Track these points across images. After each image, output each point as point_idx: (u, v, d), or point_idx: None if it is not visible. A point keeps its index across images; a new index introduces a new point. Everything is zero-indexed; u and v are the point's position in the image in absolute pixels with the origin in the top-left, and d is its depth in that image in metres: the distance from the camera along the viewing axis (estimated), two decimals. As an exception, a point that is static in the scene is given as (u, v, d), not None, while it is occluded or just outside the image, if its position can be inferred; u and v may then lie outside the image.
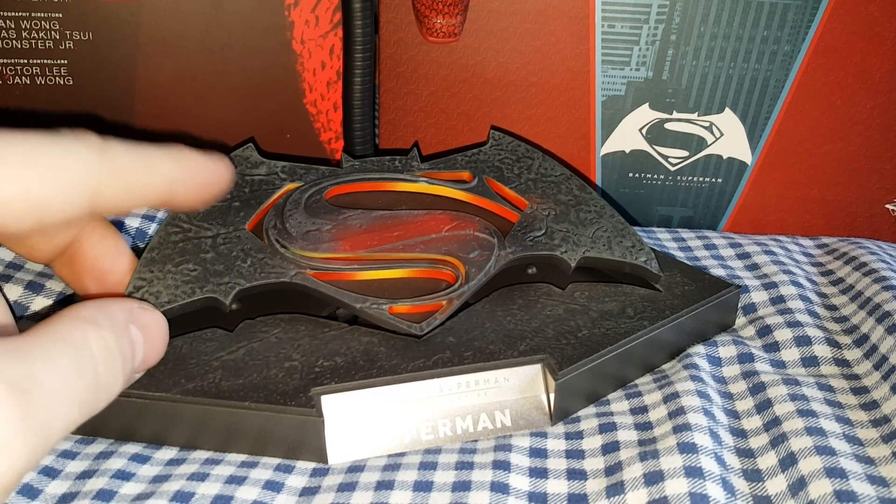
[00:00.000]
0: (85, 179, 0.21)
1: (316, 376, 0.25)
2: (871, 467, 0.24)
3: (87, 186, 0.21)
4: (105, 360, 0.20)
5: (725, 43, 0.36)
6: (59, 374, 0.19)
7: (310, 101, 0.38)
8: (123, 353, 0.21)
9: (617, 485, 0.24)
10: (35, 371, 0.18)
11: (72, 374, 0.19)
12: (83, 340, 0.20)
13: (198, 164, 0.25)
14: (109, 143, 0.22)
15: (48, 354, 0.19)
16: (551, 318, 0.29)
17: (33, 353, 0.18)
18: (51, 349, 0.19)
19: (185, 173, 0.24)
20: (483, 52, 0.37)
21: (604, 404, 0.28)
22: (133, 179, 0.23)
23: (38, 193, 0.20)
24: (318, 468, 0.25)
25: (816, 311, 0.32)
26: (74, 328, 0.20)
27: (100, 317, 0.21)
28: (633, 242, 0.31)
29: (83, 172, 0.21)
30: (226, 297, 0.27)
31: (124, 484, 0.24)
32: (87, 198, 0.21)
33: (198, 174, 0.25)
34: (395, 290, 0.28)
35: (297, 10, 0.36)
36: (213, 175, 0.25)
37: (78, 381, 0.19)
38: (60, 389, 0.19)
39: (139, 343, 0.23)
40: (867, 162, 0.38)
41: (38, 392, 0.18)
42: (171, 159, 0.24)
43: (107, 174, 0.22)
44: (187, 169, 0.24)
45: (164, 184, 0.24)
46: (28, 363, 0.18)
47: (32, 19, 0.35)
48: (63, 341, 0.19)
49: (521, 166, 0.34)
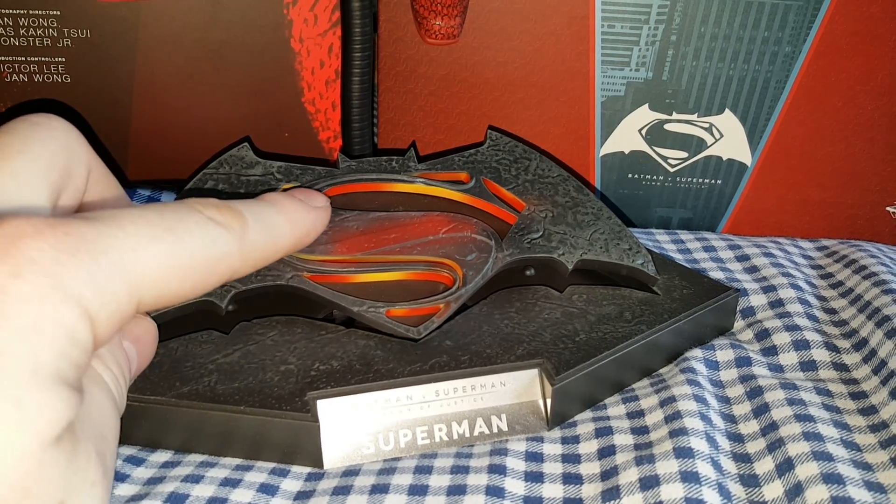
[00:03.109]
0: (225, 273, 0.22)
1: (312, 380, 0.25)
2: (869, 473, 0.24)
3: (226, 277, 0.22)
4: (117, 389, 0.21)
5: (726, 44, 0.36)
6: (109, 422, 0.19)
7: (308, 99, 0.38)
8: (124, 374, 0.22)
9: (613, 489, 0.23)
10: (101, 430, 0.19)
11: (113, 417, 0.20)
12: (100, 379, 0.20)
13: (309, 226, 0.26)
14: (248, 227, 0.22)
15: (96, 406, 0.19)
16: (549, 321, 0.28)
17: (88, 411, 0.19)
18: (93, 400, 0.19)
19: (298, 241, 0.25)
20: (483, 52, 0.37)
21: (600, 408, 0.28)
22: (261, 259, 0.23)
23: (186, 289, 0.20)
24: (314, 472, 0.25)
25: (815, 314, 0.32)
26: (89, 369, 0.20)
27: None
28: (631, 245, 0.31)
29: (224, 266, 0.22)
30: (221, 300, 0.27)
31: (118, 485, 0.24)
32: (220, 283, 0.22)
33: (306, 237, 0.26)
34: (392, 293, 0.28)
35: (296, 9, 0.36)
36: (317, 230, 0.27)
37: (115, 422, 0.20)
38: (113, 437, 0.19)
39: (133, 356, 0.23)
40: (868, 164, 0.38)
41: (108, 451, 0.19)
42: (290, 227, 0.25)
43: (241, 262, 0.22)
44: (300, 237, 0.25)
45: (281, 254, 0.25)
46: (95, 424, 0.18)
47: (30, 17, 0.35)
48: (93, 386, 0.20)
49: (518, 167, 0.34)
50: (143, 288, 0.19)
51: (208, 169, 0.31)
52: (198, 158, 0.37)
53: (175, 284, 0.20)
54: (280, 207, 0.25)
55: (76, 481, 0.17)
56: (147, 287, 0.19)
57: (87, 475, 0.17)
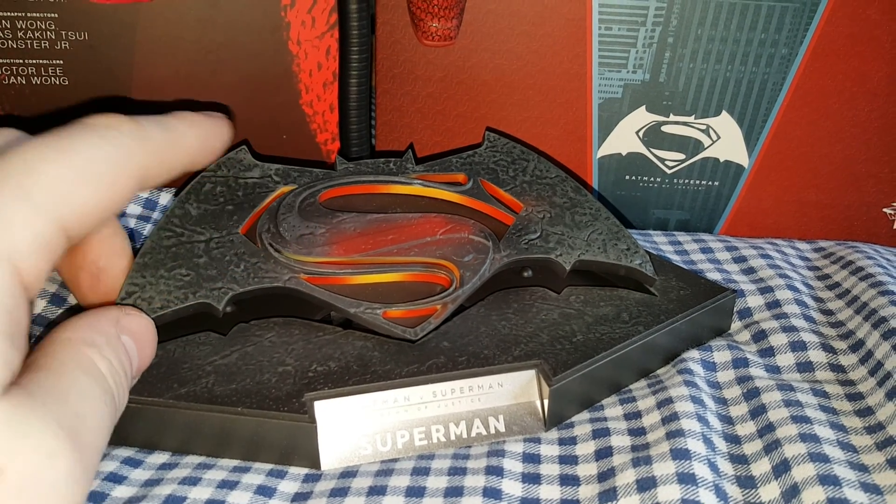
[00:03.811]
0: (134, 170, 0.22)
1: (309, 381, 0.25)
2: (865, 475, 0.24)
3: (136, 176, 0.22)
4: (115, 380, 0.21)
5: (723, 46, 0.36)
6: (93, 405, 0.19)
7: (306, 101, 0.38)
8: (124, 368, 0.22)
9: (609, 491, 0.23)
10: (77, 409, 0.18)
11: (100, 402, 0.19)
12: (92, 366, 0.20)
13: (209, 129, 0.26)
14: (142, 126, 0.23)
15: (77, 388, 0.19)
16: (546, 322, 0.29)
17: (64, 389, 0.18)
18: (75, 382, 0.19)
19: (203, 141, 0.26)
20: (480, 54, 0.37)
21: (598, 409, 0.28)
22: (168, 157, 0.24)
23: (102, 195, 0.21)
24: (311, 473, 0.25)
25: (812, 315, 0.32)
26: (79, 354, 0.20)
27: (95, 337, 0.21)
28: (629, 245, 0.31)
29: (131, 163, 0.22)
30: (219, 302, 0.27)
31: (116, 487, 0.24)
32: (136, 184, 0.22)
33: (211, 139, 0.26)
34: (390, 295, 0.28)
35: (294, 11, 0.36)
36: (222, 135, 0.27)
37: (105, 409, 0.20)
38: (97, 421, 0.19)
39: (133, 352, 0.23)
40: (865, 165, 0.38)
41: (84, 429, 0.18)
42: (191, 130, 0.25)
43: (147, 157, 0.23)
44: (203, 137, 0.26)
45: (190, 155, 0.25)
46: (68, 402, 0.18)
47: (28, 19, 0.35)
48: (79, 370, 0.19)
49: (516, 168, 0.34)
50: (59, 210, 0.19)
51: (206, 172, 0.31)
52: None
53: (88, 193, 0.20)
54: (176, 114, 0.25)
55: (23, 446, 0.16)
56: (62, 208, 0.19)
57: (40, 443, 0.17)
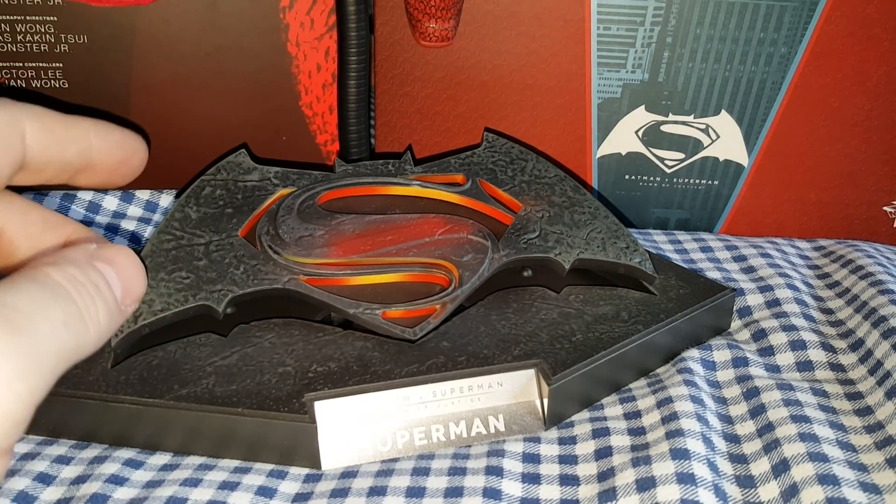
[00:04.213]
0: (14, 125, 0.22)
1: (309, 382, 0.25)
2: (864, 474, 0.24)
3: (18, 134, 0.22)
4: (75, 287, 0.21)
5: (722, 45, 0.36)
6: (32, 299, 0.19)
7: (305, 103, 0.38)
8: (95, 283, 0.22)
9: (609, 490, 0.24)
10: (6, 299, 0.19)
11: (44, 299, 0.20)
12: (44, 275, 0.20)
13: (117, 134, 0.26)
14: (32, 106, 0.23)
15: (14, 286, 0.19)
16: (545, 321, 0.29)
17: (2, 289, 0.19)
18: (15, 282, 0.20)
19: (103, 140, 0.25)
20: (479, 55, 0.37)
21: (597, 409, 0.28)
22: (56, 125, 0.24)
23: None
24: (311, 474, 0.25)
25: (812, 314, 0.32)
26: (34, 270, 0.21)
27: (56, 258, 0.22)
28: (628, 243, 0.31)
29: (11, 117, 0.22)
30: (219, 304, 0.27)
31: (117, 489, 0.24)
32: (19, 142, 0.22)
33: (113, 139, 0.26)
34: (389, 295, 0.28)
35: (292, 13, 0.36)
36: (132, 147, 0.27)
37: (53, 304, 0.20)
38: (36, 311, 0.19)
39: (112, 276, 0.23)
40: (864, 164, 0.38)
41: (14, 315, 0.18)
42: (93, 125, 0.25)
43: (31, 117, 0.23)
44: (104, 131, 0.26)
45: (84, 140, 0.25)
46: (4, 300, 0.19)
47: (27, 22, 0.35)
48: (24, 277, 0.20)
49: (514, 168, 0.34)
50: None
51: (206, 175, 0.32)
52: (195, 161, 0.37)
53: None
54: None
55: None
56: None
57: None
